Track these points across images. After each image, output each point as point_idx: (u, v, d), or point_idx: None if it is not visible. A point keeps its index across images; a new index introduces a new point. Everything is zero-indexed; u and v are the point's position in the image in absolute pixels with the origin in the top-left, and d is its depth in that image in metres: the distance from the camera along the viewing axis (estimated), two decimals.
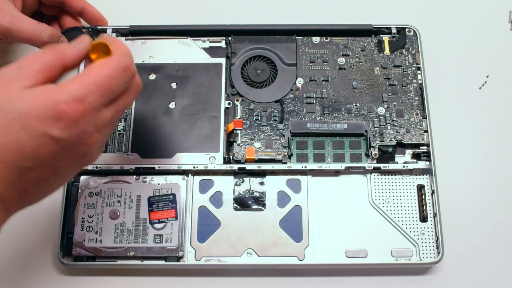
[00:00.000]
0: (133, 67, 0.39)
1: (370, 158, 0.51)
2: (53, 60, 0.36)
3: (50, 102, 0.34)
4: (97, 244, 0.49)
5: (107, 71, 0.36)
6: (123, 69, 0.37)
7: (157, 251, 0.49)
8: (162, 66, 0.54)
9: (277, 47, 0.55)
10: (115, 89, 0.37)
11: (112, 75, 0.36)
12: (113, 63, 0.37)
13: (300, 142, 0.52)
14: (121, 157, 0.51)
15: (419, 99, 0.53)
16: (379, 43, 0.55)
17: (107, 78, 0.36)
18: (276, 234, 0.49)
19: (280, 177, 0.51)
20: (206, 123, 0.52)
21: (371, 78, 0.54)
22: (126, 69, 0.38)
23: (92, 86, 0.35)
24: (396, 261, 0.48)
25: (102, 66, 0.37)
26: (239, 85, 0.54)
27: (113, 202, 0.50)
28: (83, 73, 0.36)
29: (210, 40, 0.56)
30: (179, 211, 0.50)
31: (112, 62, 0.37)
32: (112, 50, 0.39)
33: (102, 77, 0.36)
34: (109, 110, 0.38)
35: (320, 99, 0.53)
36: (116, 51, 0.38)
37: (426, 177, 0.51)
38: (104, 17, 0.57)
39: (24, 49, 0.58)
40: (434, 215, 0.50)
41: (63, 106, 0.34)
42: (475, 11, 0.60)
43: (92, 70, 0.36)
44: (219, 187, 0.51)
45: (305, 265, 0.48)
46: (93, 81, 0.35)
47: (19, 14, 0.50)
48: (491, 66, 0.58)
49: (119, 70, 0.37)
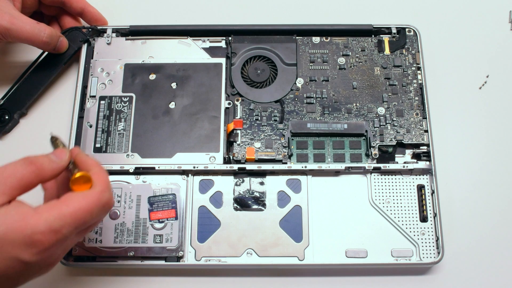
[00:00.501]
0: (111, 202, 0.39)
1: (370, 158, 0.51)
2: (31, 176, 0.37)
3: (26, 230, 0.34)
4: (97, 244, 0.49)
5: (86, 205, 0.36)
6: (103, 205, 0.38)
7: (157, 251, 0.48)
8: (162, 66, 0.54)
9: (277, 47, 0.55)
10: (90, 222, 0.38)
11: (90, 210, 0.37)
12: (94, 197, 0.37)
13: (300, 142, 0.52)
14: (121, 157, 0.51)
15: (419, 99, 0.53)
16: (379, 43, 0.55)
17: (85, 212, 0.36)
18: (276, 234, 0.49)
19: (280, 177, 0.51)
20: (206, 123, 0.52)
21: (371, 78, 0.54)
22: (106, 204, 0.38)
23: (69, 218, 0.36)
24: (396, 261, 0.48)
25: (82, 199, 0.37)
26: (239, 85, 0.54)
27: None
28: (62, 201, 0.36)
29: (210, 40, 0.56)
30: (179, 211, 0.50)
31: (93, 197, 0.37)
32: (94, 181, 0.38)
33: (80, 211, 0.36)
34: (77, 236, 0.39)
35: (320, 99, 0.53)
36: (97, 184, 0.38)
37: (426, 177, 0.51)
38: (104, 17, 0.57)
39: (24, 49, 0.58)
40: (434, 215, 0.50)
41: (38, 235, 0.34)
42: (475, 11, 0.60)
43: (71, 201, 0.36)
44: (219, 187, 0.51)
45: (305, 265, 0.48)
46: (71, 214, 0.36)
47: (19, 14, 0.50)
48: (491, 66, 0.58)
49: (99, 206, 0.37)
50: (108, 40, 0.55)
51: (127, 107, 0.53)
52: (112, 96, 0.53)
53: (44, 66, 0.55)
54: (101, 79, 0.54)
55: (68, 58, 0.55)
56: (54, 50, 0.53)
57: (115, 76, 0.54)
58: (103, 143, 0.51)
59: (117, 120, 0.52)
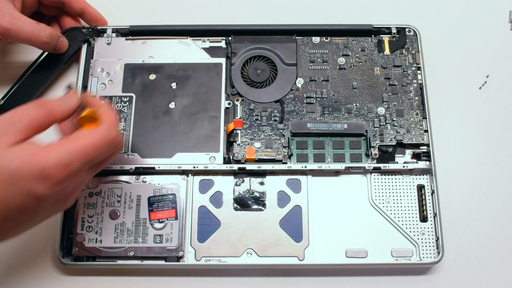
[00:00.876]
0: (119, 138, 0.41)
1: (370, 158, 0.51)
2: (43, 117, 0.39)
3: (38, 165, 0.36)
4: (97, 244, 0.49)
5: (93, 141, 0.38)
6: (110, 141, 0.39)
7: (157, 251, 0.49)
8: (162, 66, 0.54)
9: (277, 47, 0.55)
10: (99, 158, 0.39)
11: (98, 146, 0.39)
12: (100, 134, 0.39)
13: (300, 142, 0.52)
14: (121, 157, 0.51)
15: (419, 99, 0.53)
16: (379, 43, 0.55)
17: (92, 148, 0.38)
18: (276, 234, 0.49)
19: (280, 177, 0.51)
20: (206, 123, 0.52)
21: (371, 78, 0.54)
22: (113, 141, 0.40)
23: (77, 154, 0.37)
24: (396, 261, 0.48)
25: (90, 136, 0.39)
26: (239, 85, 0.54)
27: (113, 202, 0.50)
28: (71, 139, 0.38)
29: (210, 40, 0.56)
30: (179, 211, 0.50)
31: (99, 133, 0.39)
32: (101, 119, 0.40)
33: (88, 147, 0.38)
34: (88, 172, 0.41)
35: (320, 99, 0.53)
36: (105, 122, 0.40)
37: (426, 177, 0.51)
38: (104, 18, 0.57)
39: (24, 49, 0.58)
40: (434, 215, 0.50)
41: (49, 170, 0.36)
42: (475, 11, 0.60)
43: (80, 138, 0.38)
44: (219, 187, 0.51)
45: (305, 265, 0.48)
46: (79, 150, 0.38)
47: (19, 14, 0.50)
48: (491, 66, 0.58)
49: (105, 142, 0.39)
50: (108, 40, 0.55)
51: (127, 107, 0.53)
52: (112, 96, 0.53)
53: (44, 66, 0.55)
54: (101, 79, 0.54)
55: (68, 58, 0.55)
56: (54, 50, 0.53)
57: (115, 76, 0.54)
58: None
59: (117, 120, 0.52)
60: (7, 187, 0.36)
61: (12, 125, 0.38)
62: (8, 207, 0.37)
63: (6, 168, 0.36)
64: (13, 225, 0.39)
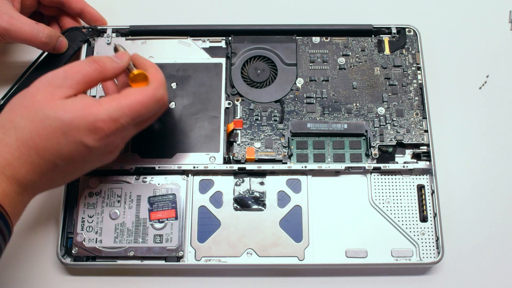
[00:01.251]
0: (166, 98, 0.44)
1: (370, 158, 0.51)
2: (95, 73, 0.41)
3: (89, 117, 0.39)
4: (97, 244, 0.49)
5: (142, 99, 0.41)
6: (157, 100, 0.42)
7: (157, 251, 0.48)
8: (162, 66, 0.54)
9: (277, 47, 0.55)
10: (146, 115, 0.42)
11: (146, 104, 0.41)
12: (149, 93, 0.42)
13: (300, 142, 0.52)
14: (121, 157, 0.51)
15: (419, 99, 0.53)
16: (379, 43, 0.55)
17: (141, 106, 0.41)
18: (276, 234, 0.49)
19: (280, 177, 0.51)
20: (206, 123, 0.52)
21: (371, 78, 0.54)
22: (160, 100, 0.43)
23: (126, 110, 0.40)
24: (396, 261, 0.48)
25: (139, 94, 0.41)
26: (239, 85, 0.54)
27: (113, 202, 0.50)
28: (121, 95, 0.41)
29: (210, 40, 0.56)
30: (179, 211, 0.50)
31: (148, 92, 0.42)
32: (150, 79, 0.43)
33: (137, 104, 0.41)
34: (136, 128, 0.43)
35: (320, 99, 0.53)
36: (153, 81, 0.43)
37: (426, 177, 0.51)
38: (103, 18, 0.57)
39: (23, 49, 0.58)
40: (434, 215, 0.50)
41: (100, 123, 0.39)
42: (475, 11, 0.60)
43: (129, 94, 0.41)
44: (219, 187, 0.51)
45: (305, 265, 0.48)
46: (128, 106, 0.40)
47: (18, 14, 0.50)
48: (491, 66, 0.58)
49: (153, 101, 0.42)
50: (108, 40, 0.55)
51: None
52: None
53: (44, 66, 0.55)
54: None
55: (68, 58, 0.55)
56: (54, 50, 0.53)
57: None
58: None
59: None
60: (60, 136, 0.39)
61: (67, 79, 0.40)
62: (59, 155, 0.39)
63: (61, 119, 0.39)
64: (61, 174, 0.42)
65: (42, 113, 0.39)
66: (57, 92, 0.40)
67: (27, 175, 0.39)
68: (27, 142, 0.39)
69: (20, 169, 0.39)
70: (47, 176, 0.41)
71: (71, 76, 0.40)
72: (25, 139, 0.39)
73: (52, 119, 0.39)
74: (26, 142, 0.39)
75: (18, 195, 0.40)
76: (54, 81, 0.40)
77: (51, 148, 0.39)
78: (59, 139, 0.39)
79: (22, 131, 0.39)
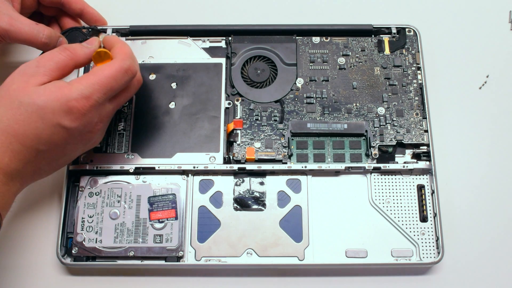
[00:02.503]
0: (134, 68, 0.45)
1: (370, 158, 0.51)
2: (67, 60, 0.43)
3: (62, 98, 0.40)
4: (97, 244, 0.49)
5: (110, 72, 0.42)
6: (125, 70, 0.43)
7: (157, 251, 0.49)
8: (162, 66, 0.54)
9: (277, 47, 0.55)
10: (117, 88, 0.43)
11: (114, 76, 0.43)
12: (116, 65, 0.43)
13: (300, 142, 0.52)
14: (121, 157, 0.51)
15: (419, 99, 0.53)
16: (379, 43, 0.55)
17: (110, 79, 0.42)
18: (276, 234, 0.49)
19: (280, 177, 0.51)
20: (206, 123, 0.52)
21: (371, 78, 0.54)
22: (128, 70, 0.44)
23: (97, 85, 0.42)
24: (396, 261, 0.48)
25: (106, 68, 0.43)
26: (239, 85, 0.54)
27: (113, 202, 0.50)
28: (90, 73, 0.42)
29: (210, 40, 0.56)
30: (179, 211, 0.50)
31: (115, 64, 0.43)
32: (115, 53, 0.44)
33: (105, 77, 0.42)
34: (111, 104, 0.44)
35: (320, 99, 0.53)
36: (119, 54, 0.44)
37: (426, 177, 0.51)
38: (103, 18, 0.57)
39: (23, 49, 0.58)
40: (434, 215, 0.50)
41: (73, 102, 0.41)
42: (475, 11, 0.60)
43: (98, 71, 0.42)
44: (219, 187, 0.51)
45: (305, 265, 0.48)
46: (98, 81, 0.42)
47: (17, 15, 0.50)
48: (491, 66, 0.58)
49: (121, 72, 0.43)
50: None
51: (127, 107, 0.53)
52: None
53: None
54: None
55: None
56: None
57: None
58: (103, 143, 0.51)
59: (117, 120, 0.52)
60: (38, 121, 0.40)
61: (39, 68, 0.42)
62: (39, 139, 0.40)
63: (35, 103, 0.40)
64: (45, 160, 0.42)
65: (17, 100, 0.40)
66: (31, 80, 0.41)
67: (11, 163, 0.40)
68: (6, 130, 0.40)
69: (3, 157, 0.40)
70: (32, 164, 0.42)
71: (44, 64, 0.42)
72: (3, 127, 0.40)
73: (27, 105, 0.40)
74: (5, 130, 0.40)
75: (4, 185, 0.40)
76: (27, 70, 0.42)
77: (30, 133, 0.40)
78: (36, 124, 0.40)
79: (0, 120, 0.40)
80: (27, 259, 0.51)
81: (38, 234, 0.51)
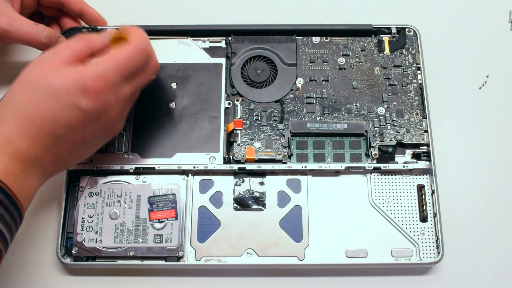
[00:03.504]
0: (148, 49, 0.45)
1: (370, 158, 0.51)
2: (83, 47, 0.43)
3: (77, 78, 0.40)
4: (97, 244, 0.49)
5: (125, 53, 0.43)
6: (140, 51, 0.44)
7: (157, 251, 0.49)
8: (162, 66, 0.54)
9: (277, 47, 0.55)
10: (133, 68, 0.43)
11: (130, 56, 0.43)
12: (132, 46, 0.43)
13: (300, 142, 0.52)
14: (121, 157, 0.51)
15: (419, 99, 0.53)
16: (379, 43, 0.55)
17: (125, 59, 0.42)
18: (276, 234, 0.49)
19: (280, 177, 0.51)
20: (206, 123, 0.52)
21: (371, 78, 0.54)
22: (143, 50, 0.44)
23: (113, 65, 0.42)
24: (396, 261, 0.48)
25: (122, 49, 0.43)
26: (239, 85, 0.54)
27: (113, 202, 0.50)
28: (107, 56, 0.43)
29: (210, 40, 0.56)
30: (179, 211, 0.50)
31: (131, 45, 0.43)
32: (130, 36, 0.45)
33: (121, 58, 0.42)
34: (128, 85, 0.44)
35: (320, 99, 0.53)
36: (134, 37, 0.44)
37: (426, 177, 0.51)
38: (103, 18, 0.57)
39: (23, 49, 0.58)
40: (434, 215, 0.50)
41: (88, 81, 0.40)
42: (475, 11, 0.60)
43: (114, 53, 0.43)
44: (219, 187, 0.51)
45: (305, 265, 0.48)
46: (114, 62, 0.42)
47: (17, 15, 0.50)
48: (491, 66, 0.58)
49: (136, 52, 0.43)
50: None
51: None
52: None
53: None
54: None
55: None
56: None
57: None
58: None
59: None
60: (53, 102, 0.40)
61: (55, 55, 0.42)
62: (56, 122, 0.40)
63: (51, 85, 0.40)
64: (64, 147, 0.42)
65: (34, 84, 0.40)
66: (47, 66, 0.41)
67: (29, 150, 0.40)
68: (23, 114, 0.40)
69: (20, 143, 0.39)
70: (51, 151, 0.41)
71: (60, 51, 0.42)
72: (20, 111, 0.40)
73: (43, 87, 0.40)
74: (21, 114, 0.40)
75: (23, 173, 0.40)
76: (44, 58, 0.42)
77: (46, 116, 0.40)
78: (53, 106, 0.40)
79: (17, 105, 0.40)
80: (27, 259, 0.51)
81: (38, 234, 0.51)
